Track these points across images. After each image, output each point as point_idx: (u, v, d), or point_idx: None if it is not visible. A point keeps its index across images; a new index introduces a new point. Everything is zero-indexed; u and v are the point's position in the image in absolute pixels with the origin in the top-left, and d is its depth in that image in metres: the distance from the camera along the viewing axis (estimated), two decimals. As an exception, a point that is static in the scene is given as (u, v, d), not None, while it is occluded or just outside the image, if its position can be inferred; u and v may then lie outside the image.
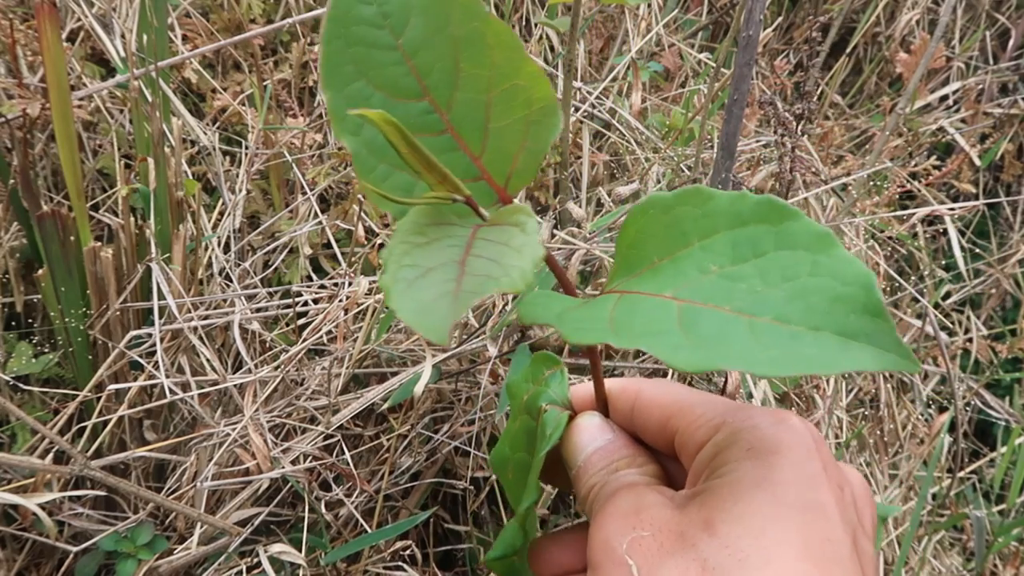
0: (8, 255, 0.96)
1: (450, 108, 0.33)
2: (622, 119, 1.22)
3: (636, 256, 0.32)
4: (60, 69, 0.80)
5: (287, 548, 0.83)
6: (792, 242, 0.28)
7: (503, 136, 0.33)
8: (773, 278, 0.28)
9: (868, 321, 0.26)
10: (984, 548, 1.15)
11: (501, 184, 0.34)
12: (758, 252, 0.28)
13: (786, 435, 0.31)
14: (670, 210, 0.31)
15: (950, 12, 1.19)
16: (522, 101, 0.32)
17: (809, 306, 0.26)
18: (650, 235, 0.31)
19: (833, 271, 0.27)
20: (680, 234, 0.30)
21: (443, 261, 0.28)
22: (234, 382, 0.89)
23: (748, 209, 0.29)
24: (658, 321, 0.28)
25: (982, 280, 1.61)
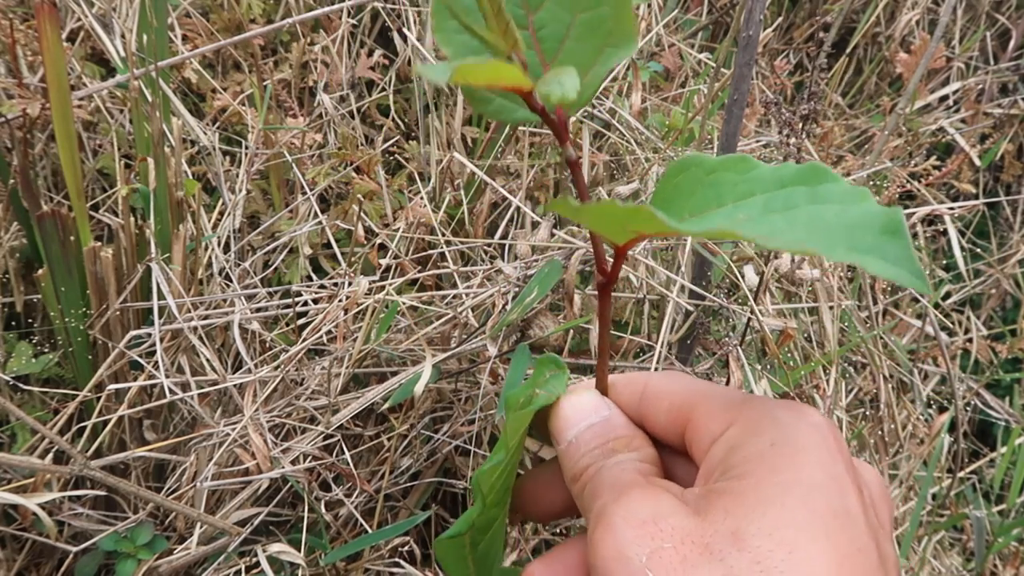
0: (8, 255, 0.96)
1: (539, 10, 0.34)
2: (622, 119, 1.22)
3: (668, 211, 0.31)
4: (60, 69, 0.80)
5: (287, 548, 0.83)
6: (825, 198, 0.28)
7: (576, 56, 0.34)
8: (799, 220, 0.28)
9: (884, 239, 0.26)
10: (984, 548, 1.15)
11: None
12: (789, 206, 0.28)
13: (809, 431, 0.30)
14: (711, 172, 0.31)
15: (950, 12, 1.19)
16: (605, 30, 0.33)
17: (827, 232, 0.26)
18: (686, 193, 0.31)
19: (860, 213, 0.27)
20: (716, 196, 0.30)
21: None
22: (234, 382, 0.89)
23: (789, 174, 0.29)
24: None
25: (982, 280, 1.61)
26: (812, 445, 0.29)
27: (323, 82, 1.23)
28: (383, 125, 1.23)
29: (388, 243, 1.03)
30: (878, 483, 0.33)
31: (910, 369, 1.31)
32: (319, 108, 1.20)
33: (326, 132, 1.18)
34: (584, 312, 0.94)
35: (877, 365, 1.18)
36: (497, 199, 1.11)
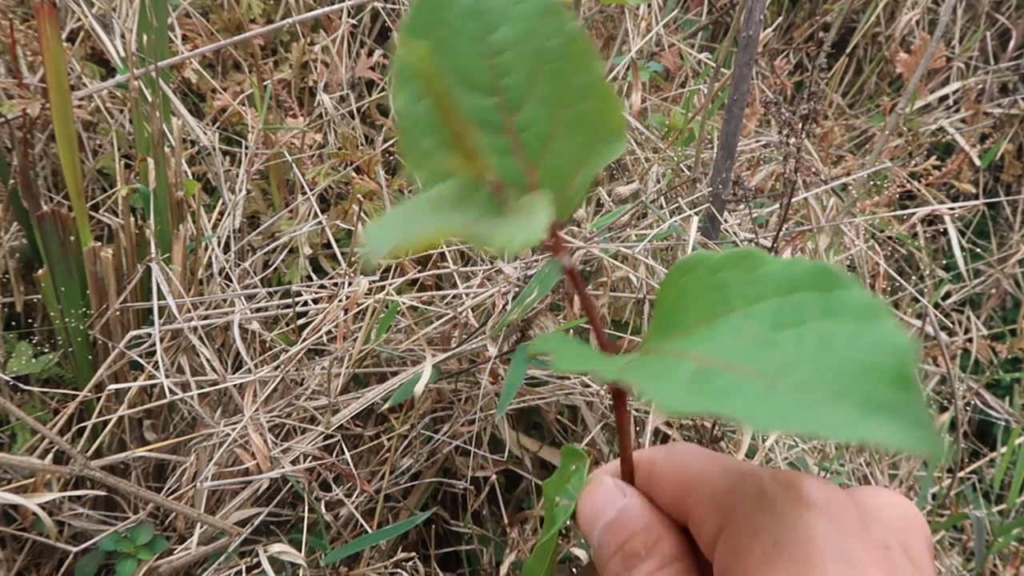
0: (8, 255, 0.96)
1: (518, 112, 0.32)
2: (622, 119, 1.22)
3: (674, 319, 0.30)
4: (60, 69, 0.80)
5: (287, 548, 0.83)
6: (839, 311, 0.26)
7: (563, 156, 0.33)
8: (809, 346, 0.26)
9: (896, 393, 0.24)
10: (984, 548, 1.15)
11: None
12: (801, 320, 0.27)
13: (811, 516, 0.28)
14: (716, 272, 0.29)
15: (950, 12, 1.19)
16: (591, 127, 0.32)
17: (837, 374, 0.24)
18: (692, 297, 0.30)
19: (873, 342, 0.25)
20: (723, 299, 0.29)
21: (452, 212, 0.28)
22: (234, 382, 0.89)
23: (800, 275, 0.28)
24: (668, 373, 0.27)
25: (982, 280, 1.61)
26: (817, 532, 0.27)
27: (323, 82, 1.23)
28: (383, 125, 1.23)
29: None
30: (902, 513, 0.30)
31: (910, 369, 1.30)
32: (319, 108, 1.20)
33: (326, 132, 1.18)
34: (584, 312, 0.94)
35: (877, 365, 1.18)
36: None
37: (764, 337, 0.27)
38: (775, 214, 1.10)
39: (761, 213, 1.13)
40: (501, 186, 0.31)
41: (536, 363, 0.91)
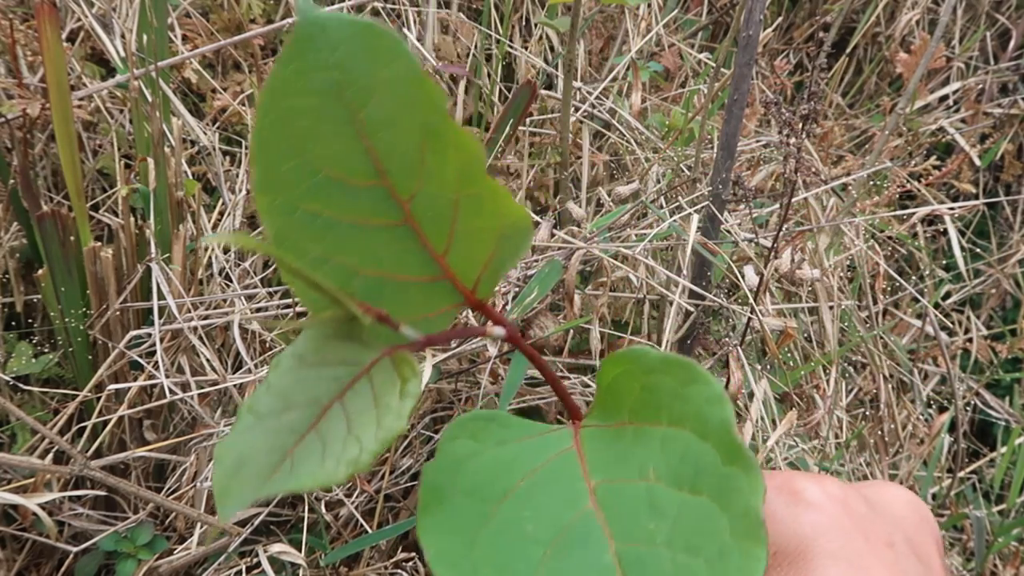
0: (8, 255, 0.96)
1: (412, 199, 0.29)
2: (622, 119, 1.22)
3: (611, 404, 0.29)
4: (60, 69, 0.80)
5: (287, 548, 0.83)
6: (728, 488, 0.24)
7: (472, 240, 0.30)
8: (679, 541, 0.24)
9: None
10: (984, 548, 1.15)
11: (469, 287, 0.31)
12: (696, 489, 0.25)
13: (809, 517, 0.27)
14: (650, 373, 0.28)
15: (950, 12, 1.19)
16: (490, 211, 0.29)
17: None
18: (626, 390, 0.28)
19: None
20: (654, 406, 0.27)
21: (312, 398, 0.26)
22: (234, 382, 0.89)
23: (718, 434, 0.26)
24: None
25: (982, 280, 1.61)
26: (817, 534, 0.27)
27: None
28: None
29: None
30: (911, 510, 0.29)
31: (910, 369, 1.31)
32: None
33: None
34: (584, 312, 0.94)
35: (877, 365, 1.18)
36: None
37: (658, 492, 0.25)
38: (775, 214, 1.10)
39: (761, 213, 1.13)
40: (384, 315, 0.28)
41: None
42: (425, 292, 0.31)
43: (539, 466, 0.27)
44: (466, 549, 0.24)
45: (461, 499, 0.26)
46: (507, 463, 0.27)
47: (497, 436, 0.28)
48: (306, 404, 0.25)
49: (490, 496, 0.26)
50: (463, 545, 0.24)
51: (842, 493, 0.28)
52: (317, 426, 0.25)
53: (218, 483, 0.23)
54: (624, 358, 0.29)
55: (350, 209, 0.28)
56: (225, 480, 0.23)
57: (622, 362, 0.29)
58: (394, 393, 0.26)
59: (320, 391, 0.26)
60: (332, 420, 0.25)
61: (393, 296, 0.30)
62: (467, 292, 0.31)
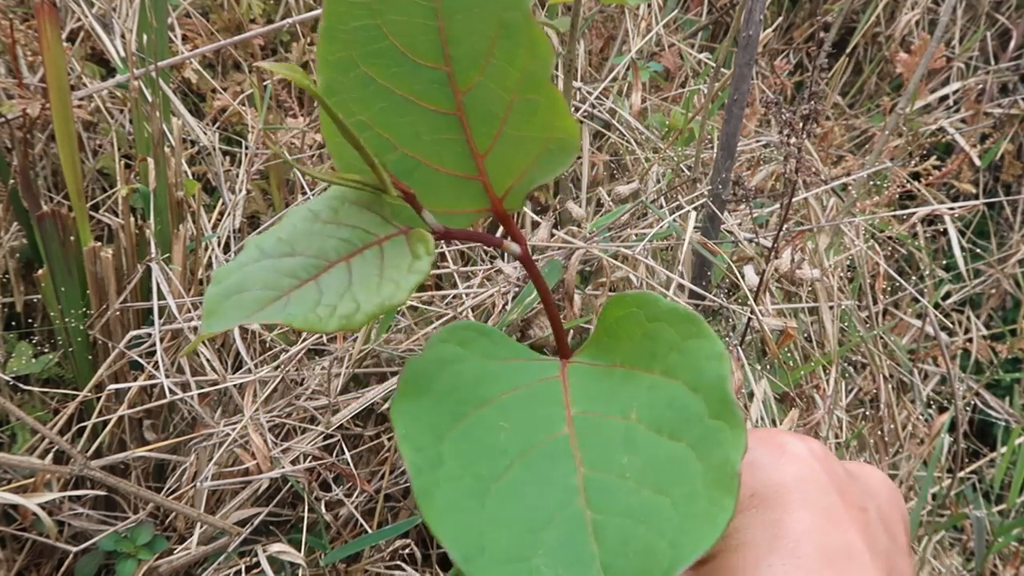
0: (8, 255, 0.96)
1: (468, 91, 0.28)
2: (622, 119, 1.22)
3: (607, 346, 0.29)
4: (60, 69, 0.80)
5: (287, 548, 0.83)
6: (710, 442, 0.24)
7: (516, 146, 0.29)
8: (649, 479, 0.24)
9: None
10: (984, 548, 1.15)
11: (498, 194, 0.31)
12: (675, 436, 0.25)
13: (790, 468, 0.27)
14: (653, 321, 0.27)
15: (950, 12, 1.19)
16: (542, 121, 0.29)
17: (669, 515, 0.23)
18: (625, 334, 0.28)
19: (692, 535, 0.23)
20: (650, 354, 0.27)
21: (319, 251, 0.26)
22: (234, 382, 0.89)
23: (710, 388, 0.25)
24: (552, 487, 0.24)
25: (982, 280, 1.61)
26: (796, 483, 0.27)
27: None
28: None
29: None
30: (885, 487, 0.30)
31: (910, 369, 1.31)
32: (319, 108, 1.19)
33: (326, 132, 1.18)
34: (584, 312, 0.94)
35: (877, 365, 1.18)
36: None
37: (640, 433, 0.25)
38: (775, 214, 1.10)
39: (761, 213, 1.13)
40: (411, 195, 0.28)
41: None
42: (455, 188, 0.30)
43: (522, 386, 0.27)
44: (435, 440, 0.24)
45: (439, 395, 0.26)
46: (490, 376, 0.27)
47: (485, 349, 0.28)
48: (311, 255, 0.26)
49: (467, 399, 0.26)
50: (432, 436, 0.24)
51: (824, 453, 0.29)
52: (319, 278, 0.25)
53: (210, 301, 0.23)
54: (630, 301, 0.28)
55: (406, 84, 0.28)
56: (217, 300, 0.24)
57: (628, 305, 0.28)
58: (402, 268, 0.26)
59: (328, 247, 0.26)
60: (334, 276, 0.25)
61: (422, 182, 0.29)
62: (495, 199, 0.31)
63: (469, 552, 0.22)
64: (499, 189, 0.30)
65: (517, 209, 0.32)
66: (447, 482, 0.23)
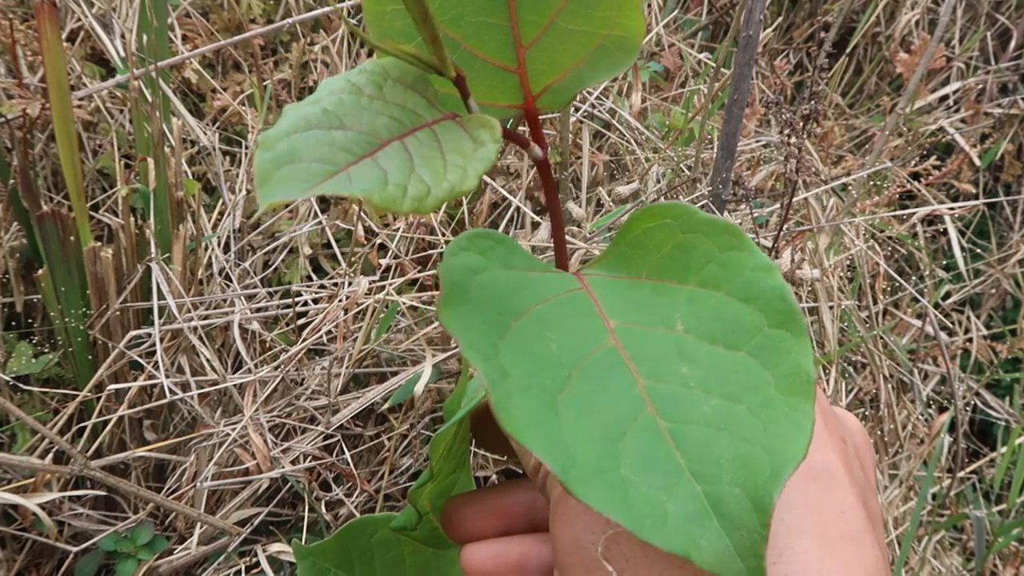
0: (8, 255, 0.96)
1: None
2: (622, 119, 1.22)
3: (628, 258, 0.27)
4: (60, 69, 0.80)
5: (286, 548, 0.83)
6: (777, 354, 0.23)
7: (565, 41, 0.27)
8: (716, 388, 0.23)
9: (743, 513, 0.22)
10: (984, 548, 1.15)
11: (534, 91, 0.28)
12: (732, 346, 0.23)
13: None
14: (688, 232, 0.26)
15: (950, 12, 1.19)
16: (603, 16, 0.26)
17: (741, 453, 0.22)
18: (654, 244, 0.26)
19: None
20: (683, 266, 0.25)
21: (370, 128, 0.24)
22: (234, 382, 0.89)
23: (768, 293, 0.24)
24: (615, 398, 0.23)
25: (982, 280, 1.61)
26: None
27: (323, 82, 1.23)
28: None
29: (388, 243, 1.03)
30: (859, 431, 0.30)
31: (910, 369, 1.31)
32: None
33: (326, 132, 1.18)
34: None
35: (877, 365, 1.18)
36: (497, 199, 1.11)
37: (690, 343, 0.24)
38: (775, 214, 1.10)
39: (761, 213, 1.13)
40: (462, 78, 0.26)
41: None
42: (491, 78, 0.28)
43: (550, 297, 0.25)
44: (493, 350, 0.23)
45: (478, 304, 0.24)
46: (517, 286, 0.25)
47: (504, 259, 0.26)
48: (362, 132, 0.23)
49: (504, 310, 0.24)
50: (490, 346, 0.23)
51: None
52: (375, 155, 0.23)
53: (262, 168, 0.21)
54: (662, 211, 0.26)
55: None
56: (270, 168, 0.21)
57: (660, 215, 0.27)
58: (467, 153, 0.24)
59: (379, 125, 0.24)
60: (393, 156, 0.23)
61: (459, 64, 0.27)
62: (529, 95, 0.28)
63: (564, 463, 0.21)
64: (536, 86, 0.28)
65: (556, 109, 0.29)
66: (518, 393, 0.22)
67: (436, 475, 0.33)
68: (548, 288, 0.26)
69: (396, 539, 0.38)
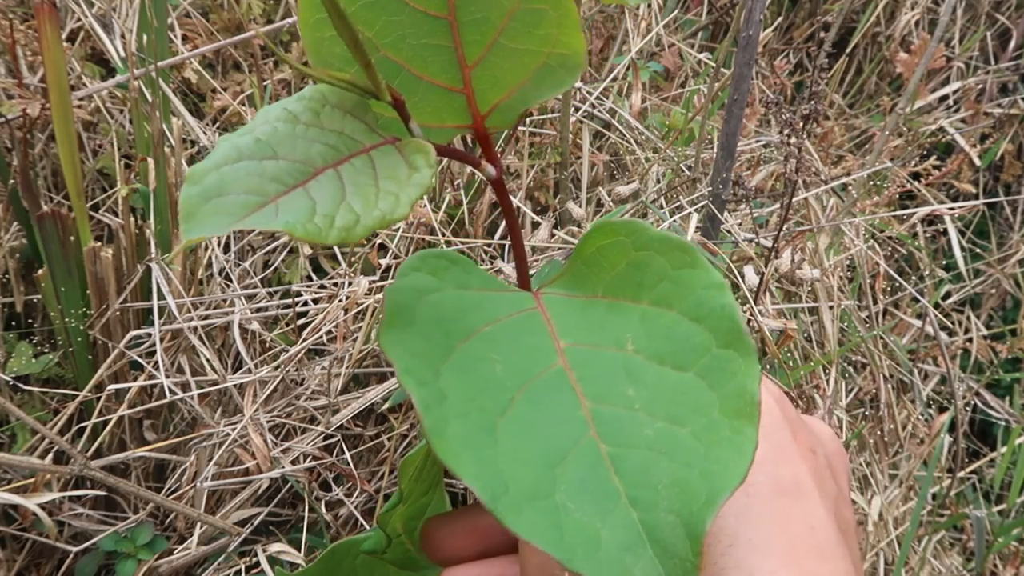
0: (8, 255, 0.96)
1: None
2: (622, 119, 1.22)
3: (585, 276, 0.27)
4: (60, 69, 0.80)
5: (287, 548, 0.83)
6: (726, 373, 0.23)
7: (509, 59, 0.27)
8: (661, 410, 0.22)
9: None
10: (984, 548, 1.15)
11: (482, 110, 0.28)
12: (681, 366, 0.23)
13: None
14: (641, 249, 0.26)
15: (950, 12, 1.19)
16: (545, 34, 0.26)
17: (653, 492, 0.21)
18: (608, 262, 0.26)
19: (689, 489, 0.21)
20: (636, 284, 0.25)
21: (304, 157, 0.23)
22: (234, 382, 0.89)
23: (716, 318, 0.24)
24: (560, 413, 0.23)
25: (982, 280, 1.61)
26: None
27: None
28: (383, 125, 1.23)
29: (388, 243, 1.03)
30: (831, 440, 0.30)
31: (910, 369, 1.31)
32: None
33: (326, 132, 1.18)
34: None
35: (877, 365, 1.18)
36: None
37: (638, 367, 0.23)
38: (775, 214, 1.10)
39: (761, 213, 1.13)
40: (401, 102, 0.26)
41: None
42: (437, 99, 0.28)
43: (502, 317, 0.25)
44: (433, 374, 0.23)
45: (423, 326, 0.24)
46: (469, 306, 0.25)
47: (458, 279, 0.26)
48: (295, 160, 0.23)
49: (451, 331, 0.24)
50: (430, 370, 0.23)
51: (780, 395, 0.28)
52: (307, 185, 0.23)
53: (187, 203, 0.21)
54: (616, 229, 0.26)
55: None
56: (196, 203, 0.21)
57: (613, 233, 0.26)
58: (401, 179, 0.24)
59: (313, 153, 0.24)
60: (325, 184, 0.23)
61: (403, 90, 0.27)
62: (478, 115, 0.28)
63: (495, 490, 0.21)
64: (484, 105, 0.28)
65: (504, 128, 0.29)
66: (455, 418, 0.22)
67: (406, 497, 0.33)
68: (501, 308, 0.26)
69: (380, 561, 0.38)
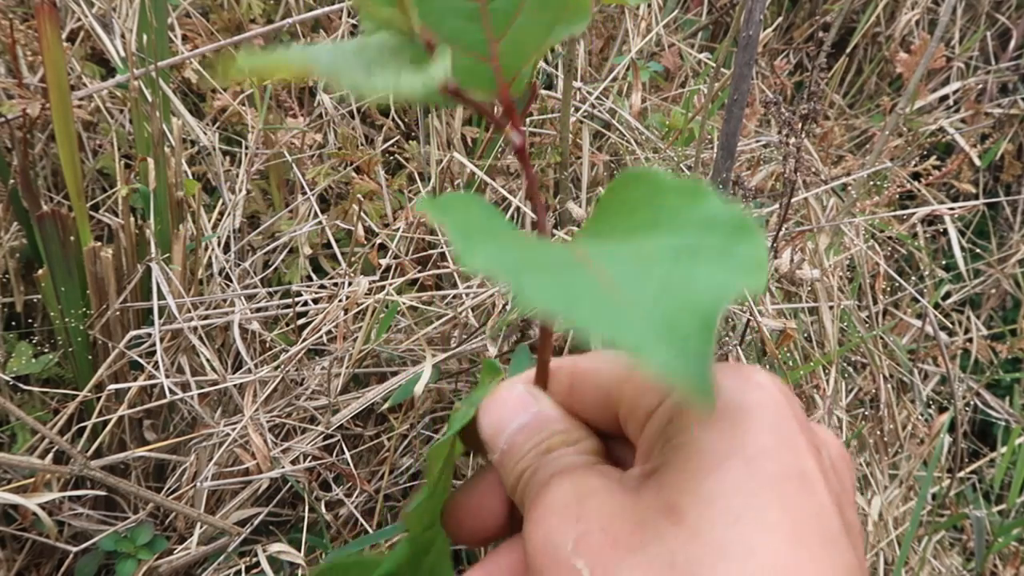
0: (8, 255, 0.96)
1: None
2: (622, 119, 1.22)
3: (606, 223, 0.29)
4: (60, 69, 0.80)
5: (287, 548, 0.83)
6: (731, 255, 0.24)
7: (528, 32, 0.31)
8: (669, 280, 0.24)
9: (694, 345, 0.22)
10: (984, 548, 1.16)
11: (507, 79, 0.31)
12: (695, 256, 0.24)
13: (755, 394, 0.27)
14: (659, 193, 0.27)
15: (950, 12, 1.19)
16: (557, 5, 0.30)
17: (663, 312, 0.22)
18: (628, 209, 0.28)
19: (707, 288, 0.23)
20: (653, 219, 0.27)
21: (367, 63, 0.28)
22: (234, 382, 0.89)
23: (726, 224, 0.25)
24: (565, 280, 0.24)
25: (982, 280, 1.61)
26: (759, 406, 0.26)
27: (323, 82, 1.23)
28: (383, 125, 1.23)
29: (388, 243, 1.03)
30: (837, 445, 0.30)
31: (910, 369, 1.31)
32: (319, 108, 1.20)
33: (326, 132, 1.18)
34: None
35: (877, 365, 1.18)
36: (497, 199, 1.11)
37: (652, 255, 0.25)
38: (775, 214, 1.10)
39: (761, 213, 1.13)
40: (432, 44, 0.29)
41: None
42: (470, 68, 0.31)
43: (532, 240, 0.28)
44: (470, 239, 0.24)
45: (471, 221, 0.26)
46: (504, 227, 0.28)
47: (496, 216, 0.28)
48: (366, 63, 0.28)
49: (493, 230, 0.26)
50: (467, 237, 0.24)
51: (789, 391, 0.29)
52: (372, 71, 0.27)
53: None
54: (635, 178, 0.28)
55: None
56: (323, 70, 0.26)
57: (632, 181, 0.28)
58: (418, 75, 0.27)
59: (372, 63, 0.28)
60: (380, 75, 0.28)
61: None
62: (504, 85, 0.31)
63: (466, 240, 0.23)
64: (508, 74, 0.31)
65: (519, 94, 0.32)
66: (482, 245, 0.24)
67: (434, 489, 0.33)
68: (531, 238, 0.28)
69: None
